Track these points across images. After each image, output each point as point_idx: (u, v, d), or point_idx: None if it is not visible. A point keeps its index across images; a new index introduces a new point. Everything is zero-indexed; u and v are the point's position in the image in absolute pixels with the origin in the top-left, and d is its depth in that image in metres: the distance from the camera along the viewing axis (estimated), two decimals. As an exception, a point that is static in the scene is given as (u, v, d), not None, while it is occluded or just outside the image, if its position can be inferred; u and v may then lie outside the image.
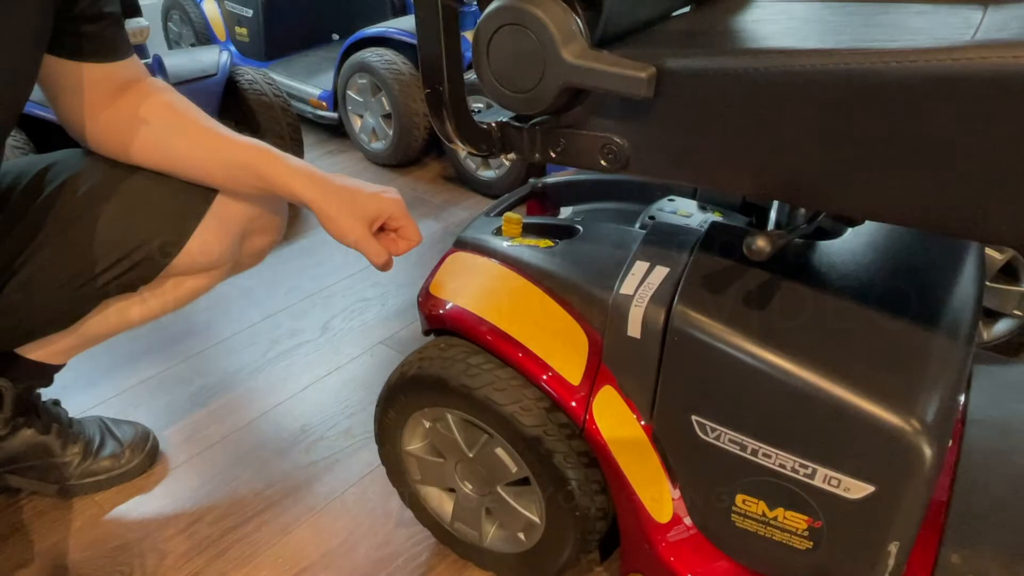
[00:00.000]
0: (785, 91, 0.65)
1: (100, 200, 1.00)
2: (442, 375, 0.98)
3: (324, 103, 2.66)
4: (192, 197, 1.03)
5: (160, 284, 1.09)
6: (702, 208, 1.11)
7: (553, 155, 0.83)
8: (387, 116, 2.47)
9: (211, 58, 2.03)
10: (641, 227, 1.07)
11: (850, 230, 0.94)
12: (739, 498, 0.86)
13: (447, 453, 1.07)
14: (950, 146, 0.60)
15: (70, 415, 1.34)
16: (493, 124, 0.86)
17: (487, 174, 2.34)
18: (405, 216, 0.99)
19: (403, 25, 2.45)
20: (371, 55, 2.41)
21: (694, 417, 0.85)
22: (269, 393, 1.55)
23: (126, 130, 0.99)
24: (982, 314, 1.47)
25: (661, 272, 0.88)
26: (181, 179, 1.02)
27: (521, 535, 1.06)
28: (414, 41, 2.39)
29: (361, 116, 2.58)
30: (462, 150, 0.87)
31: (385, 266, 0.99)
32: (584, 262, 0.95)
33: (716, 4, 0.91)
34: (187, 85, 1.90)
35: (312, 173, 0.97)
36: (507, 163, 2.24)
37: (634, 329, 0.86)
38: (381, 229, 1.00)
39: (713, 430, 0.84)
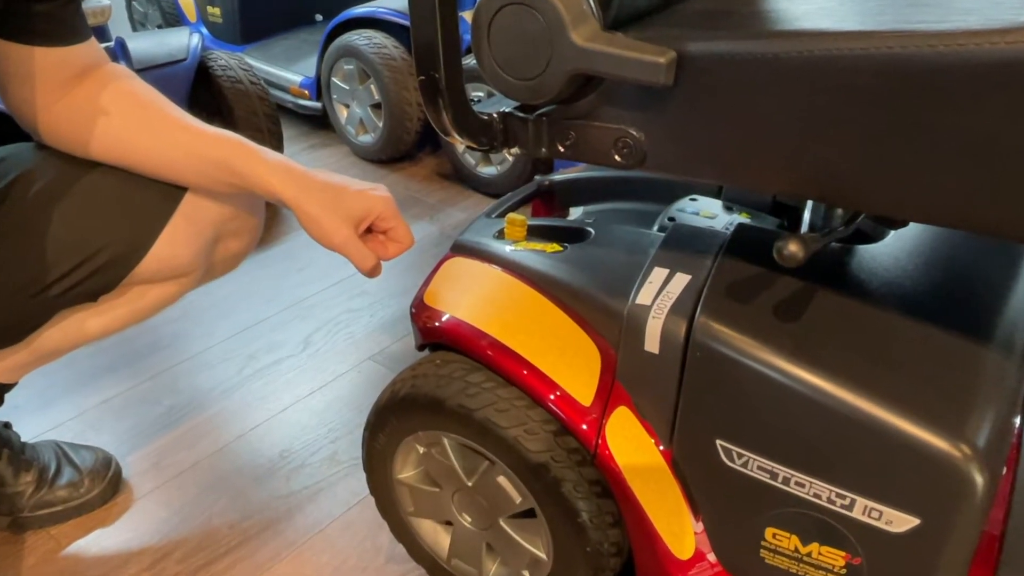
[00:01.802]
0: (820, 78, 0.65)
1: (54, 200, 1.00)
2: (438, 395, 0.98)
3: (306, 91, 2.66)
4: (158, 196, 1.03)
5: (122, 293, 1.09)
6: (728, 209, 1.12)
7: (561, 149, 0.83)
8: (376, 106, 2.48)
9: (180, 41, 2.03)
10: (660, 229, 1.07)
11: (892, 233, 0.94)
12: (769, 532, 0.86)
13: (443, 482, 1.07)
14: (1005, 139, 0.60)
15: (23, 439, 1.34)
16: (494, 115, 0.86)
17: (488, 171, 2.34)
18: (395, 216, 0.99)
19: (394, 5, 2.46)
20: (358, 38, 2.42)
21: (719, 441, 0.85)
22: (245, 414, 1.55)
23: (84, 122, 0.99)
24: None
25: (682, 280, 0.88)
26: (146, 176, 1.02)
27: (526, 573, 1.05)
28: (406, 22, 2.39)
29: (347, 106, 2.59)
30: (460, 144, 0.87)
31: (372, 272, 0.99)
32: (596, 268, 0.95)
33: (742, -19, 0.92)
34: (153, 71, 1.91)
35: (292, 169, 0.97)
36: (510, 158, 2.24)
37: (652, 343, 0.86)
38: (369, 231, 1.00)
39: (740, 456, 0.84)
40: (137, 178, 1.02)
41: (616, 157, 0.80)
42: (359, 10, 2.47)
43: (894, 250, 0.91)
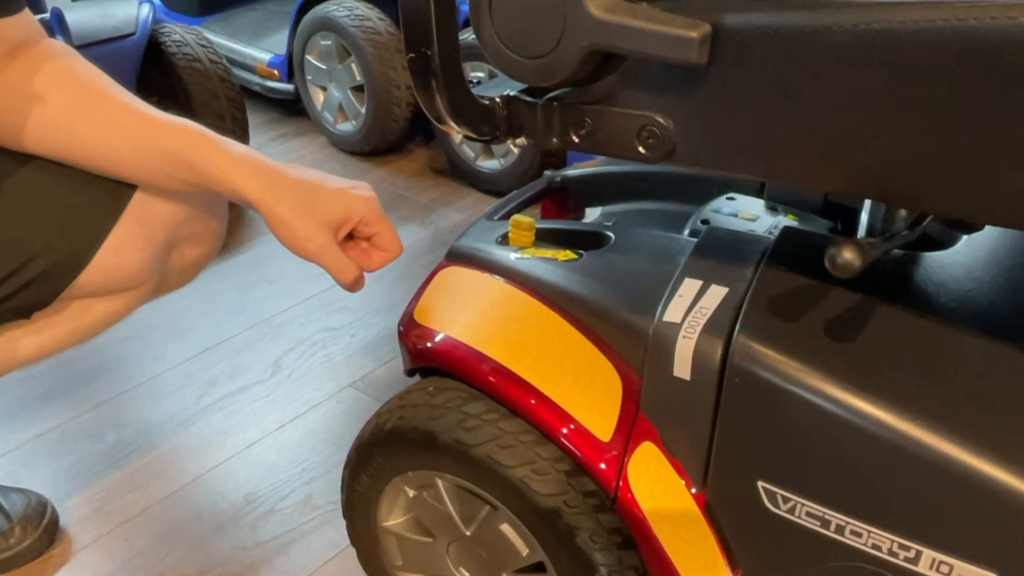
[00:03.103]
0: (879, 55, 0.65)
1: (-18, 199, 1.01)
2: (430, 428, 0.98)
3: (275, 71, 2.67)
4: (102, 195, 1.03)
5: (61, 309, 1.09)
6: (771, 209, 1.12)
7: (576, 140, 0.83)
8: (358, 89, 2.49)
9: (127, 13, 2.04)
10: (691, 234, 1.07)
11: (965, 238, 0.94)
12: (821, 590, 0.86)
13: (437, 531, 1.07)
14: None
15: (-57, 480, 1.34)
16: (497, 99, 0.86)
17: (489, 165, 2.35)
18: (380, 220, 0.99)
19: (379, -31, 2.47)
20: (337, 8, 2.43)
21: (761, 483, 0.85)
22: (204, 451, 1.55)
23: (15, 109, 0.99)
24: None
25: (718, 293, 0.88)
26: (88, 172, 1.02)
27: (534, 639, 1.05)
28: (393, -9, 2.40)
29: (324, 89, 2.59)
30: (457, 133, 0.87)
31: (354, 285, 0.99)
32: (616, 280, 0.95)
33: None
34: (95, 48, 1.91)
35: (259, 163, 0.96)
36: (515, 150, 2.25)
37: (682, 368, 0.86)
38: (350, 237, 1.00)
39: (786, 500, 0.84)
40: (78, 174, 1.02)
41: (640, 149, 0.80)
42: (338, -24, 2.48)
43: (967, 258, 0.91)
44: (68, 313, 1.11)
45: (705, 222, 1.09)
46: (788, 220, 1.09)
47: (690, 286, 0.90)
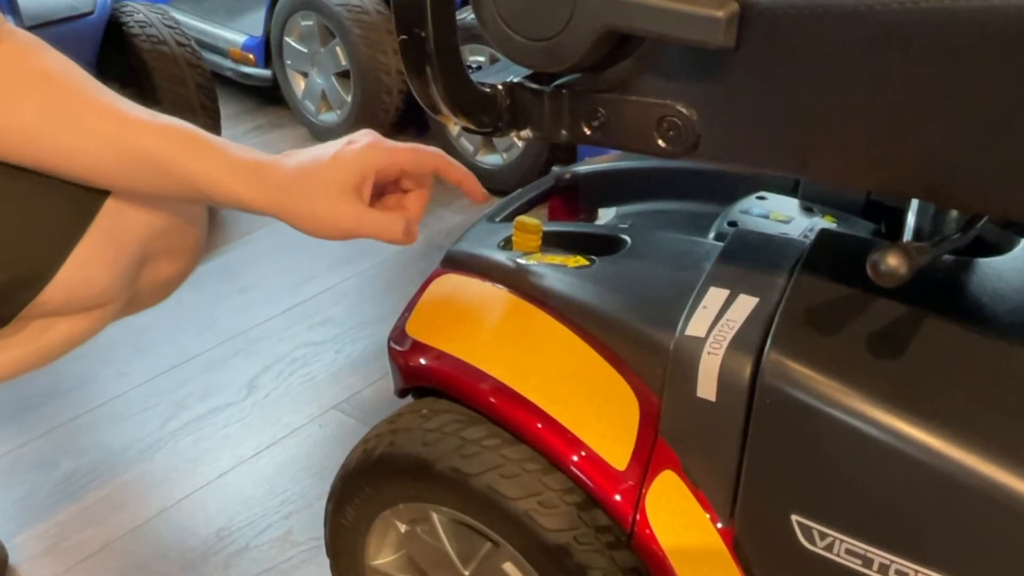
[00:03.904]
0: (929, 37, 0.65)
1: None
2: (425, 455, 0.97)
3: (251, 55, 2.68)
4: (69, 203, 1.02)
5: (19, 328, 1.09)
6: (807, 210, 1.12)
7: (588, 132, 0.83)
8: (343, 74, 2.49)
9: (85, -11, 2.04)
10: (717, 237, 1.07)
11: (1023, 242, 0.94)
12: (863, 637, 0.85)
13: (432, 570, 1.07)
14: None
15: None
16: (499, 87, 0.86)
17: (490, 160, 2.35)
18: (393, 162, 0.98)
19: (366, -58, 2.47)
20: (320, -14, 2.44)
21: (796, 517, 0.85)
22: (171, 481, 1.55)
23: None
24: None
25: (747, 303, 0.88)
26: (54, 176, 1.01)
27: None
28: (382, -35, 2.41)
29: (305, 75, 2.60)
30: (454, 125, 0.87)
31: (407, 237, 0.98)
32: (633, 289, 0.95)
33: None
34: (49, 29, 1.91)
35: (259, 165, 0.95)
36: (519, 144, 2.25)
37: (707, 387, 0.86)
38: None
39: (823, 536, 0.84)
40: (41, 179, 1.01)
41: (660, 142, 0.80)
42: (321, -51, 2.49)
43: (1026, 264, 0.91)
44: (26, 334, 1.10)
45: (732, 224, 1.09)
46: (825, 222, 1.09)
47: (716, 296, 0.90)
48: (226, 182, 0.95)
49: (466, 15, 1.97)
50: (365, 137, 0.98)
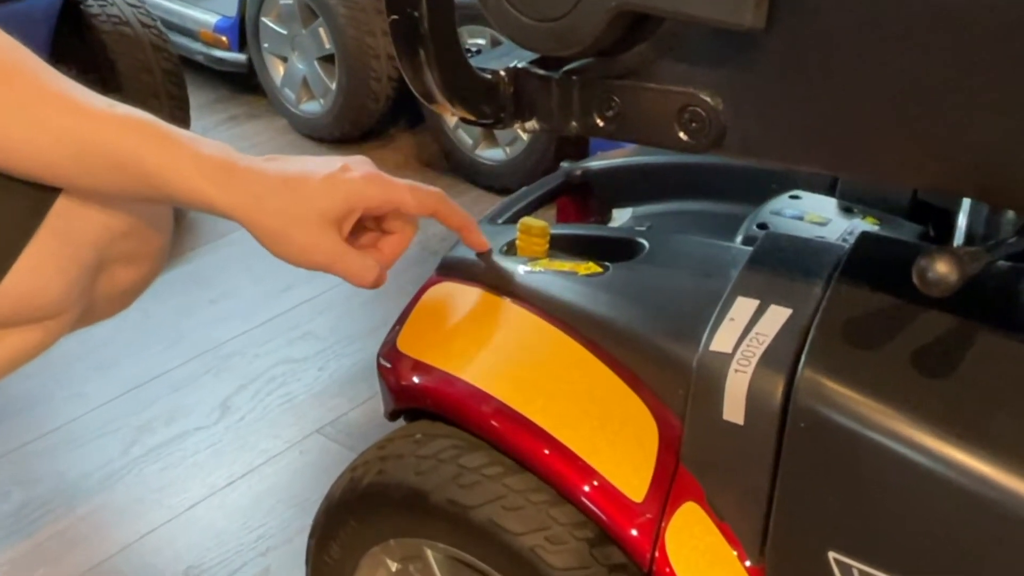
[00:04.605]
0: (983, 16, 0.65)
1: None
2: (418, 485, 0.97)
3: (224, 38, 2.68)
4: (17, 202, 1.02)
5: (-39, 342, 1.09)
6: (846, 211, 1.12)
7: (601, 123, 0.83)
8: (327, 59, 2.49)
9: (39, -35, 2.05)
10: (745, 241, 1.07)
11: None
12: None
13: (426, 614, 1.07)
14: None
15: None
16: (502, 73, 0.86)
17: (491, 155, 2.35)
18: (387, 200, 0.98)
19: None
20: (301, -40, 2.44)
21: (833, 554, 0.84)
22: (134, 514, 1.55)
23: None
24: None
25: (779, 315, 0.88)
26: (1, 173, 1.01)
27: None
28: (371, -62, 2.41)
29: (285, 59, 2.60)
30: (451, 115, 0.87)
31: (376, 284, 0.99)
32: (652, 299, 0.95)
33: None
34: (-4, 10, 1.91)
35: (232, 165, 0.95)
36: (524, 137, 2.25)
37: (734, 409, 0.86)
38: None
39: (865, 576, 0.84)
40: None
41: (681, 134, 0.80)
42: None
43: (1093, 271, 0.91)
44: (-32, 349, 1.11)
45: (763, 226, 1.09)
46: (867, 224, 1.09)
47: (744, 306, 0.89)
48: (194, 181, 0.94)
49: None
50: (362, 166, 0.97)
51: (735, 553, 0.90)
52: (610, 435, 0.93)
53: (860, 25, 0.70)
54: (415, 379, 1.02)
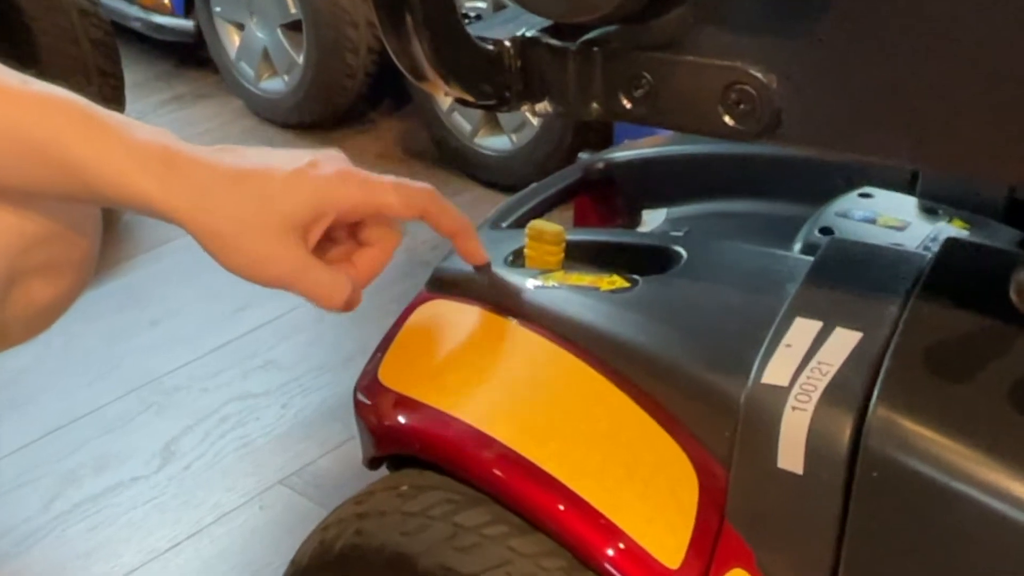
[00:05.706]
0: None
1: None
2: (404, 548, 0.97)
3: (166, 2, 2.69)
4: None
5: None
6: (928, 212, 1.12)
7: (628, 105, 0.83)
8: (293, 26, 2.50)
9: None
10: (805, 249, 1.07)
11: None
12: None
13: None
14: None
15: None
16: (506, 43, 0.86)
17: (494, 143, 2.36)
18: (365, 198, 0.97)
19: None
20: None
21: (914, 631, 0.84)
22: (57, 582, 1.55)
23: None
24: None
25: (846, 340, 0.88)
26: None
27: None
28: None
29: (241, 27, 2.61)
30: (444, 95, 0.86)
31: (347, 306, 0.98)
32: (690, 320, 0.95)
33: None
34: None
35: (175, 154, 0.94)
36: (534, 122, 2.26)
37: (791, 456, 0.86)
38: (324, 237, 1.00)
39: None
40: None
41: (726, 118, 0.79)
42: None
43: None
44: None
45: (826, 231, 1.09)
46: (954, 228, 1.09)
47: (803, 329, 0.89)
48: (127, 175, 0.93)
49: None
50: (333, 163, 0.96)
51: (791, 630, 0.90)
52: (640, 487, 0.92)
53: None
54: (400, 418, 1.01)
